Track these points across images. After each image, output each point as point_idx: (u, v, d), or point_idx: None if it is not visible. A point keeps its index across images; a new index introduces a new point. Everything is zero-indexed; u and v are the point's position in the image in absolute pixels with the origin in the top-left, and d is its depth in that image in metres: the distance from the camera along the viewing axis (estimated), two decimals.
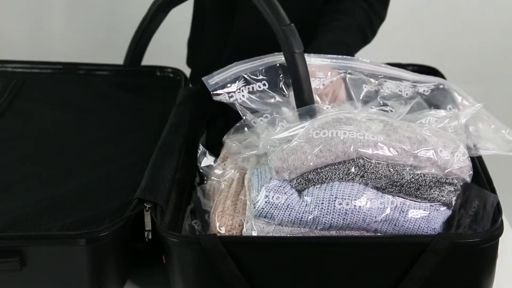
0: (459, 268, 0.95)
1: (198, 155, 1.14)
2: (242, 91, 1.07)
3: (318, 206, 0.95)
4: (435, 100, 1.18)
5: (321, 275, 0.95)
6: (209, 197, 1.12)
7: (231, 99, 1.07)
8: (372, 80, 1.16)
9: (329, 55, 1.17)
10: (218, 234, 0.97)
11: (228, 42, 1.47)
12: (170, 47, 1.65)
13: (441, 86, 1.18)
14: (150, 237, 1.02)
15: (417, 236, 0.98)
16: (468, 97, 1.17)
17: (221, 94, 1.07)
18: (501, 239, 0.95)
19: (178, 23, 1.65)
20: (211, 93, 1.06)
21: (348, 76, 1.16)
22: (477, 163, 1.10)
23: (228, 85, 1.06)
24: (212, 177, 1.12)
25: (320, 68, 1.14)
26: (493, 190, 1.03)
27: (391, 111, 1.10)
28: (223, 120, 1.45)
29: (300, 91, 1.05)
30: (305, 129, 0.98)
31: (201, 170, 1.14)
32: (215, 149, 1.16)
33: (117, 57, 1.56)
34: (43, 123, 1.33)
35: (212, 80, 1.07)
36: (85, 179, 1.14)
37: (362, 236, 0.97)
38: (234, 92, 1.07)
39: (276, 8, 1.07)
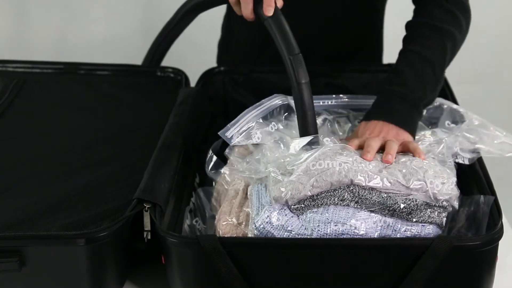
0: (458, 271, 0.94)
1: (207, 159, 1.15)
2: (256, 133, 1.11)
3: (315, 229, 0.97)
4: (432, 118, 1.20)
5: (320, 276, 0.95)
6: (215, 201, 1.13)
7: (249, 142, 1.11)
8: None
9: (322, 96, 1.20)
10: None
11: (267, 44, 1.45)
12: (171, 47, 1.64)
13: (436, 104, 1.19)
14: (149, 237, 1.02)
15: (416, 238, 0.98)
16: (464, 110, 1.18)
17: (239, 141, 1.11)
18: (501, 241, 0.95)
19: None
20: (230, 144, 1.10)
21: (337, 116, 1.20)
22: (477, 165, 1.10)
23: (244, 133, 1.10)
24: (221, 182, 1.13)
25: None
26: (493, 193, 1.03)
27: None
28: (224, 119, 1.45)
29: (304, 120, 1.07)
30: (304, 163, 1.00)
31: (208, 175, 1.15)
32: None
33: (118, 57, 1.55)
34: (43, 123, 1.33)
35: (228, 133, 1.10)
36: (85, 179, 1.14)
37: (362, 238, 0.97)
38: (250, 138, 1.10)
39: (286, 36, 1.08)
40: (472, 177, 1.10)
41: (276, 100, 1.15)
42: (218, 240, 0.93)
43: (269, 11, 1.08)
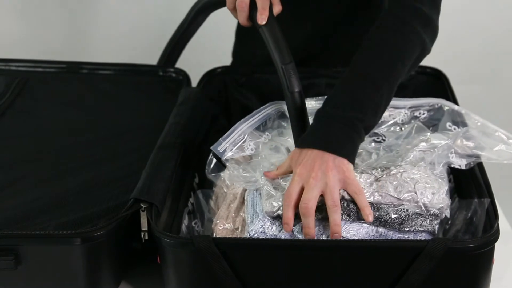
0: (454, 274, 0.94)
1: (207, 161, 1.15)
2: (250, 145, 1.10)
3: None
4: (434, 120, 1.19)
5: (314, 277, 0.94)
6: (214, 204, 1.14)
7: (242, 154, 1.11)
8: None
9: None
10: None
11: None
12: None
13: (437, 106, 1.18)
14: (146, 237, 1.02)
15: (411, 240, 0.97)
16: (466, 111, 1.18)
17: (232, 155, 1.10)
18: (501, 241, 0.95)
19: None
20: (223, 159, 1.10)
21: None
22: (476, 168, 1.09)
23: (236, 145, 1.10)
24: (220, 185, 1.13)
25: None
26: (490, 195, 1.02)
27: (383, 140, 1.13)
28: (226, 119, 1.45)
29: (298, 130, 1.06)
30: None
31: (208, 178, 1.16)
32: None
33: (121, 56, 1.56)
34: (44, 122, 1.33)
35: (220, 147, 1.09)
36: (84, 178, 1.14)
37: (356, 240, 0.97)
38: (243, 150, 1.10)
39: (279, 45, 1.06)
40: (471, 179, 1.09)
41: (269, 110, 1.15)
42: (213, 241, 0.93)
43: (262, 19, 1.07)
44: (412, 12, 1.06)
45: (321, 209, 0.97)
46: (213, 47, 1.61)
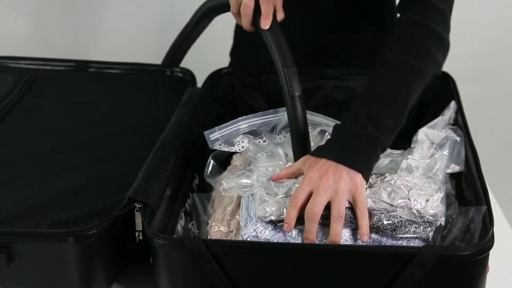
0: (447, 281, 0.92)
1: (206, 164, 1.15)
2: (243, 141, 1.10)
3: None
4: None
5: (304, 282, 0.93)
6: (211, 207, 1.13)
7: (231, 150, 1.10)
8: None
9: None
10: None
11: None
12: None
13: None
14: (141, 237, 1.02)
15: (403, 247, 0.96)
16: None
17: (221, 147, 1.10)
18: (503, 245, 0.95)
19: None
20: (210, 147, 1.09)
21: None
22: (476, 174, 1.07)
23: (228, 138, 1.10)
24: (218, 189, 1.13)
25: None
26: (487, 202, 1.00)
27: None
28: (232, 119, 1.44)
29: (297, 133, 1.05)
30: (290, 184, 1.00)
31: (206, 180, 1.15)
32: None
33: (128, 55, 1.56)
34: (50, 120, 1.33)
35: (213, 135, 1.09)
36: (83, 177, 1.14)
37: (348, 245, 0.96)
38: (233, 146, 1.10)
39: (281, 49, 1.06)
40: (470, 186, 1.07)
41: (275, 116, 1.12)
42: (203, 243, 0.92)
43: (265, 24, 1.07)
44: (427, 33, 1.08)
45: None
46: (221, 47, 1.61)
